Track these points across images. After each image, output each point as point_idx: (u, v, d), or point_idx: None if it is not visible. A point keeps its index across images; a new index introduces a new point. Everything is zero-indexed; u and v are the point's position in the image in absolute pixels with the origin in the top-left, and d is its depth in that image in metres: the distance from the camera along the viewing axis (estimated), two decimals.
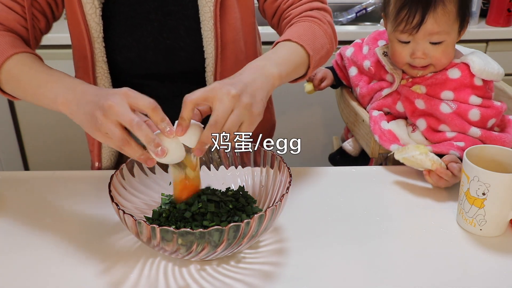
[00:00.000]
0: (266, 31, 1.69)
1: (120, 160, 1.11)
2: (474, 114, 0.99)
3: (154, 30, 0.98)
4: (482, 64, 1.00)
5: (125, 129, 0.71)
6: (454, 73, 1.02)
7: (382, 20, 1.13)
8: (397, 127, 1.05)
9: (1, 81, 0.88)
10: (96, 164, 1.07)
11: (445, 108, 1.00)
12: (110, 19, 0.96)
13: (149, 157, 0.72)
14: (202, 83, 1.02)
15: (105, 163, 1.07)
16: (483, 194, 0.79)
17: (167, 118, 0.72)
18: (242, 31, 1.03)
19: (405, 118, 1.09)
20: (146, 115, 0.74)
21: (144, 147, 0.73)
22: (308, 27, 0.96)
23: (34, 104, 0.88)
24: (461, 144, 0.98)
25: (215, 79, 1.00)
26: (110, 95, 0.72)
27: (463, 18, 1.01)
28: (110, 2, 0.96)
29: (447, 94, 1.02)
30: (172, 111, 0.77)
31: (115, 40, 0.98)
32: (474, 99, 1.00)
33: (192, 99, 0.72)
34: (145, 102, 0.71)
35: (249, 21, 1.04)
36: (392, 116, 1.09)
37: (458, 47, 1.12)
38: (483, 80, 1.01)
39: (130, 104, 0.71)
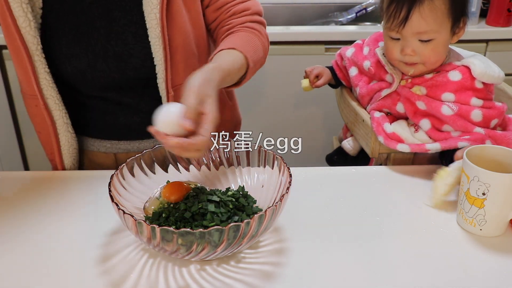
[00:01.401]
0: None
1: (81, 160, 1.12)
2: (476, 114, 0.99)
3: (101, 38, 0.96)
4: (483, 67, 1.00)
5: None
6: (455, 76, 1.01)
7: (383, 22, 1.13)
8: (400, 128, 1.05)
9: None
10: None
11: (446, 110, 1.00)
12: (54, 29, 0.95)
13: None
14: (157, 89, 1.02)
15: (68, 165, 1.08)
16: (483, 194, 0.79)
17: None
18: (193, 33, 1.02)
19: (406, 118, 1.09)
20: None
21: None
22: (251, 38, 1.01)
23: None
24: (467, 137, 0.98)
25: (166, 85, 0.99)
26: None
27: (456, 17, 1.00)
28: (52, 12, 0.94)
29: (447, 96, 1.01)
30: (141, 114, 0.81)
31: (63, 50, 0.97)
32: (475, 101, 1.00)
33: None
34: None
35: (198, 23, 1.04)
36: (392, 116, 1.09)
37: (458, 49, 1.11)
38: (484, 83, 1.01)
39: None
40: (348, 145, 1.22)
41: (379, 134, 1.04)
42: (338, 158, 1.29)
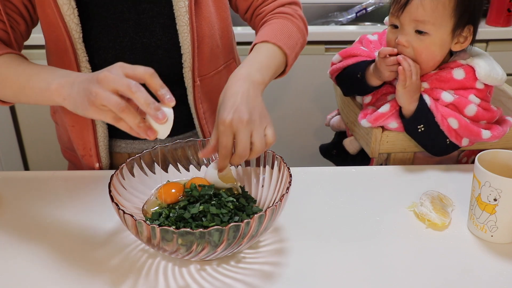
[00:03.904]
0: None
1: (112, 158, 1.11)
2: (471, 109, 1.01)
3: (129, 30, 0.97)
4: (488, 70, 1.00)
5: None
6: (459, 74, 1.02)
7: (386, 18, 1.13)
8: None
9: None
10: (97, 165, 1.07)
11: (446, 97, 1.01)
12: (85, 20, 0.95)
13: (149, 126, 0.72)
14: (181, 82, 1.02)
15: (104, 162, 1.07)
16: (495, 200, 0.78)
17: (165, 86, 0.72)
18: (217, 25, 1.03)
19: None
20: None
21: None
22: (283, 24, 0.99)
23: (23, 102, 0.88)
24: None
25: (193, 74, 1.00)
26: (104, 70, 0.72)
27: (460, 20, 0.98)
28: (83, 2, 0.94)
29: (448, 92, 1.02)
30: None
31: (91, 42, 0.97)
32: (473, 98, 1.01)
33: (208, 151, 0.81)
34: (142, 69, 0.72)
35: (223, 16, 1.05)
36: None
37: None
38: (485, 84, 1.01)
39: (126, 74, 0.71)
40: (350, 143, 1.22)
41: (362, 119, 1.06)
42: (337, 154, 1.29)
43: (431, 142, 1.04)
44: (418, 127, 1.01)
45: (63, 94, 0.77)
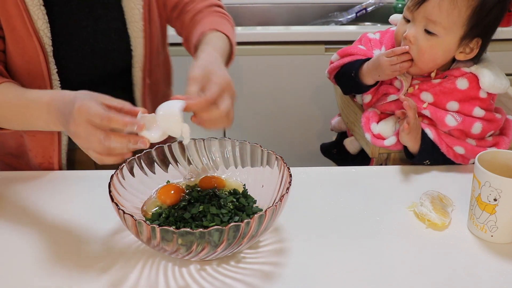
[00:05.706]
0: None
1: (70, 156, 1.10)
2: (477, 127, 1.00)
3: (89, 37, 1.00)
4: (492, 79, 0.99)
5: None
6: (463, 84, 1.01)
7: (391, 17, 1.13)
8: (386, 127, 1.05)
9: None
10: (56, 166, 1.06)
11: (450, 121, 1.00)
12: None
13: (138, 139, 0.73)
14: (129, 84, 1.07)
15: (64, 165, 1.07)
16: (495, 200, 0.78)
17: (127, 120, 0.72)
18: (160, 26, 1.09)
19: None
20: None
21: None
22: (223, 21, 1.05)
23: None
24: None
25: (143, 74, 1.06)
26: (74, 113, 0.73)
27: (471, 31, 0.97)
28: (48, 15, 0.94)
29: (452, 104, 1.01)
30: None
31: (54, 52, 0.97)
32: (478, 111, 1.01)
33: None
34: (98, 114, 0.71)
35: (162, 15, 1.10)
36: (386, 114, 1.09)
37: None
38: (488, 93, 1.01)
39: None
40: (350, 143, 1.22)
41: (366, 131, 1.06)
42: (337, 153, 1.28)
43: (437, 165, 1.05)
44: (424, 162, 1.03)
45: (58, 127, 0.82)
